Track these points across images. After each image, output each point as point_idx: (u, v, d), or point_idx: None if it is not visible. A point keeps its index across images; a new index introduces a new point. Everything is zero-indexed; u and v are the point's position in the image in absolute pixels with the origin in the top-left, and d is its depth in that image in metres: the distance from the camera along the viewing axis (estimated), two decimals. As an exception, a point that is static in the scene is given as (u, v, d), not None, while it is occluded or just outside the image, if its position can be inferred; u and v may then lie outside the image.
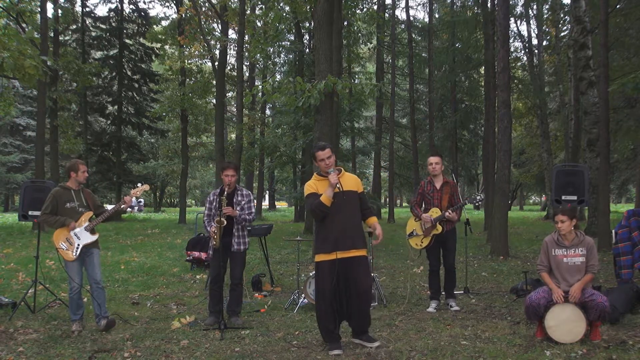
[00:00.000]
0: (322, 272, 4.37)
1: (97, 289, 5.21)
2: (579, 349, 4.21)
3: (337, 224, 4.35)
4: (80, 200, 5.24)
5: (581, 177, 6.94)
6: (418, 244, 5.94)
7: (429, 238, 5.82)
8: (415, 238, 5.98)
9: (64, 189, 5.23)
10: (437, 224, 5.76)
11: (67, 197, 5.19)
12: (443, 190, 5.84)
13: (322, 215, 4.36)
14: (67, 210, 5.16)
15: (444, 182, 5.89)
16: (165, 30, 24.53)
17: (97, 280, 5.22)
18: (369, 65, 32.72)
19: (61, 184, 5.37)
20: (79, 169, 5.22)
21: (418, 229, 5.93)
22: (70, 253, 5.09)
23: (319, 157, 4.44)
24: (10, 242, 13.85)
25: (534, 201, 61.07)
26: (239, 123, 18.26)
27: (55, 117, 20.34)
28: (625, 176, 29.62)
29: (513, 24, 23.67)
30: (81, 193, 5.29)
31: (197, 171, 45.41)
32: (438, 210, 5.78)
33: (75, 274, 5.12)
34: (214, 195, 5.51)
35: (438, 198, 5.83)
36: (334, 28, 10.58)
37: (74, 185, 5.25)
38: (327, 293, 4.32)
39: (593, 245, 4.60)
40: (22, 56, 8.78)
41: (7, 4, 16.82)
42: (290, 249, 11.72)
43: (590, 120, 12.99)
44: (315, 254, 4.50)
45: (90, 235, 5.19)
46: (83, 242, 5.13)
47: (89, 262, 5.22)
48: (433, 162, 5.85)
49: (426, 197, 5.93)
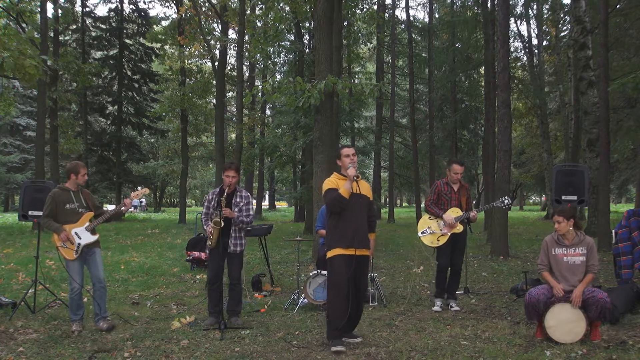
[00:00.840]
0: (338, 267, 4.41)
1: (100, 288, 5.22)
2: (579, 349, 4.21)
3: (353, 222, 4.48)
4: (80, 201, 5.24)
5: (581, 177, 6.94)
6: (434, 242, 5.96)
7: (446, 236, 5.87)
8: (430, 236, 5.99)
9: (62, 190, 5.23)
10: (458, 223, 5.87)
11: (67, 198, 5.19)
12: (461, 192, 6.00)
13: (340, 208, 4.47)
14: (67, 211, 5.16)
15: (460, 185, 6.05)
16: (165, 30, 24.52)
17: (100, 278, 5.23)
18: (369, 65, 32.71)
19: (60, 185, 5.36)
20: (80, 171, 5.22)
21: (434, 226, 5.96)
22: (71, 251, 5.09)
23: (344, 153, 4.62)
24: (10, 242, 13.86)
25: (534, 201, 61.08)
26: (239, 123, 18.26)
27: (55, 117, 20.33)
28: (625, 176, 29.62)
29: (513, 24, 23.70)
30: (80, 194, 5.29)
31: (197, 171, 45.40)
32: (458, 210, 5.91)
33: (76, 274, 5.12)
34: (213, 194, 5.51)
35: (457, 199, 5.98)
36: (334, 28, 10.57)
37: (72, 186, 5.24)
38: (343, 288, 4.36)
39: (593, 245, 4.61)
40: (22, 56, 8.78)
41: (7, 4, 16.81)
42: (290, 249, 11.72)
43: (590, 120, 13.00)
44: (330, 249, 4.52)
45: (91, 236, 5.20)
46: (84, 241, 5.14)
47: (91, 261, 5.22)
48: (459, 171, 5.99)
49: (443, 197, 6.01)
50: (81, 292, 5.17)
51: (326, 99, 9.40)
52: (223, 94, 19.68)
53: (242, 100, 17.62)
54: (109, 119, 27.92)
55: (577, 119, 17.19)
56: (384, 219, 23.60)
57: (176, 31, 22.49)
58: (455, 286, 6.06)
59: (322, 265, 5.75)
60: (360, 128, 24.18)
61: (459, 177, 6.01)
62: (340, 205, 4.46)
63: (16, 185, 33.89)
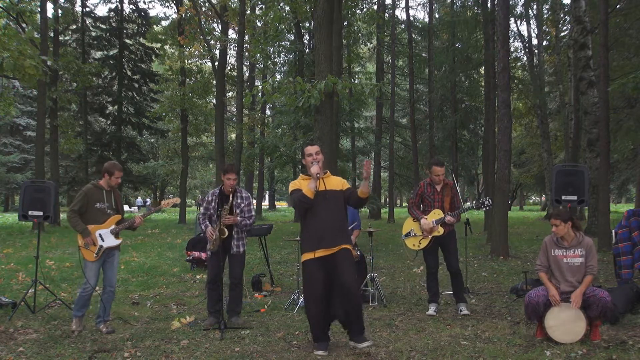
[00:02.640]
0: (308, 272, 4.35)
1: (109, 291, 5.19)
2: (579, 349, 4.20)
3: (321, 222, 4.34)
4: (110, 202, 5.17)
5: (581, 177, 6.93)
6: (416, 245, 5.80)
7: (427, 239, 5.70)
8: (412, 239, 5.83)
9: (96, 187, 5.15)
10: (439, 226, 5.68)
11: (99, 196, 5.11)
12: (444, 192, 5.76)
13: (305, 207, 4.37)
14: (96, 210, 5.08)
15: (443, 184, 5.80)
16: (165, 30, 24.54)
17: (112, 283, 5.20)
18: (369, 65, 32.73)
19: (94, 181, 5.27)
20: (115, 173, 5.14)
21: (417, 229, 5.79)
22: (92, 253, 5.04)
23: (306, 152, 4.47)
24: (10, 242, 13.85)
25: (534, 201, 61.09)
26: (239, 123, 18.27)
27: (55, 117, 20.35)
28: (625, 176, 29.63)
29: (513, 24, 23.68)
30: (112, 195, 5.23)
31: (197, 171, 45.38)
32: (440, 212, 5.68)
33: (92, 275, 5.06)
34: (213, 195, 5.45)
35: (439, 200, 5.74)
36: (334, 28, 10.57)
37: (105, 185, 5.17)
38: (313, 293, 4.29)
39: (592, 246, 4.60)
40: (22, 56, 8.80)
41: (7, 4, 16.82)
42: (290, 249, 11.72)
43: (590, 120, 13.00)
44: (302, 253, 4.49)
45: (115, 239, 5.14)
46: (107, 244, 5.08)
47: (109, 265, 5.18)
48: (440, 173, 5.75)
49: (426, 198, 5.81)
50: (91, 293, 5.14)
51: (326, 99, 9.40)
52: (223, 94, 19.69)
53: (242, 100, 17.62)
54: (109, 119, 27.95)
55: (577, 119, 17.21)
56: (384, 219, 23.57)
57: (176, 31, 22.50)
58: (460, 289, 5.80)
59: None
60: (360, 128, 24.20)
61: (440, 179, 5.76)
62: (304, 206, 4.36)
63: (16, 185, 33.89)
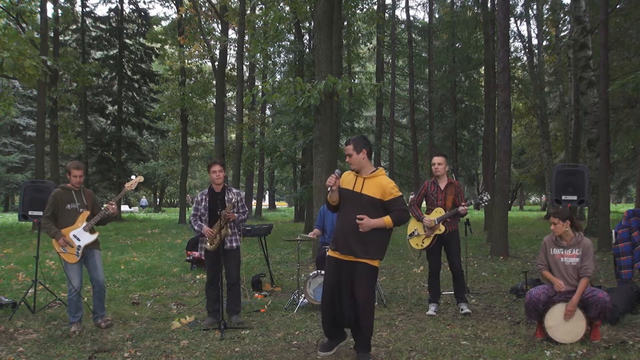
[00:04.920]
0: (327, 267, 4.28)
1: (99, 290, 5.20)
2: (579, 349, 4.20)
3: (339, 222, 4.21)
4: (82, 201, 5.18)
5: (581, 177, 6.94)
6: (419, 244, 5.81)
7: (430, 238, 5.72)
8: (416, 238, 5.85)
9: (64, 189, 5.18)
10: (440, 224, 5.68)
11: (68, 198, 5.14)
12: (447, 190, 5.73)
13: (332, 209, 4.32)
14: (68, 211, 5.11)
15: (448, 182, 5.77)
16: (165, 30, 24.53)
17: (99, 282, 5.20)
18: (369, 65, 32.70)
19: (62, 184, 5.31)
20: (71, 172, 5.11)
21: (420, 229, 5.80)
22: (73, 255, 5.05)
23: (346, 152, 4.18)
24: (10, 242, 13.85)
25: (534, 201, 61.05)
26: (239, 123, 18.26)
27: (55, 117, 20.33)
28: (625, 176, 29.64)
29: (513, 24, 23.69)
30: (82, 193, 5.23)
31: (197, 171, 45.32)
32: (442, 210, 5.68)
33: (74, 275, 5.07)
34: (202, 195, 5.48)
35: (442, 199, 5.72)
36: (334, 28, 10.58)
37: (72, 185, 5.19)
38: (327, 287, 4.23)
39: (589, 247, 4.58)
40: (22, 56, 8.80)
41: (7, 4, 16.82)
42: (290, 249, 11.72)
43: (590, 120, 13.00)
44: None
45: (90, 235, 5.14)
46: (83, 242, 5.09)
47: (90, 264, 5.18)
48: (436, 162, 5.72)
49: (429, 197, 5.81)
50: (80, 293, 5.13)
51: (326, 99, 9.40)
52: (223, 94, 19.69)
53: (242, 100, 17.62)
54: (109, 119, 27.90)
55: (577, 119, 17.21)
56: (384, 219, 23.57)
57: (176, 31, 22.49)
58: (461, 289, 5.81)
59: (322, 265, 5.74)
60: (360, 128, 24.18)
61: (439, 170, 5.71)
62: (327, 206, 4.37)
63: (16, 185, 33.88)
